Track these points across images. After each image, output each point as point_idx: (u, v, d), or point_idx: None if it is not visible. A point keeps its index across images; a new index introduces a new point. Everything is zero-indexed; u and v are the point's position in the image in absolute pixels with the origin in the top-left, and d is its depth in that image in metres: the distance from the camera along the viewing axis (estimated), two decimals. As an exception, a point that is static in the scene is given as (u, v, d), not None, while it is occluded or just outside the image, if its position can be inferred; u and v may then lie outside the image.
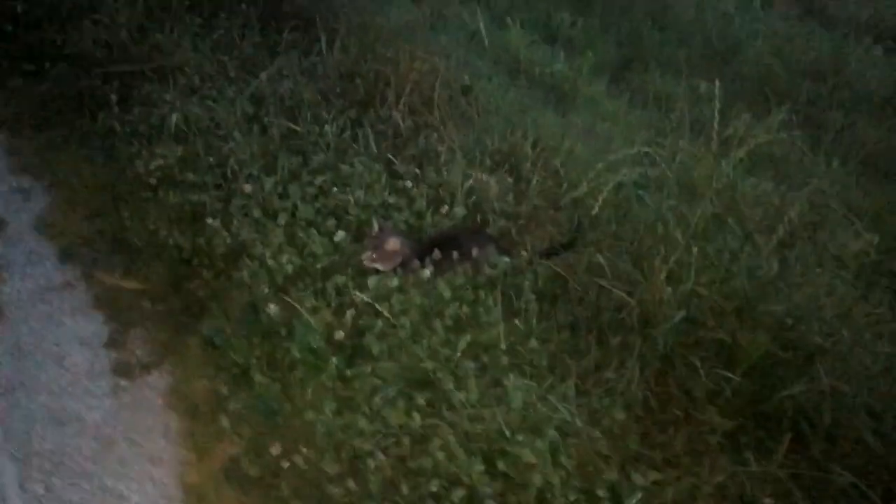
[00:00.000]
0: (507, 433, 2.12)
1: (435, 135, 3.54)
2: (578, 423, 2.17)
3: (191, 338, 2.67)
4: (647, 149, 2.97)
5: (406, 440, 2.16)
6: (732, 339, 2.34)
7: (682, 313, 2.30)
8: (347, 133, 3.53)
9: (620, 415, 2.23)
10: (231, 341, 2.57)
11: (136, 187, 3.37)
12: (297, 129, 3.55)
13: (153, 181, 3.33)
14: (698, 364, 2.30)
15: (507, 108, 3.91)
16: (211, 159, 3.38)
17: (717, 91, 2.57)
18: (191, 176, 3.31)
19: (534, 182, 3.21)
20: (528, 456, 2.07)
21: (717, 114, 2.55)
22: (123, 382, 2.56)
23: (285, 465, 2.19)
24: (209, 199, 3.16)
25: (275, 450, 2.24)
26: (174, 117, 3.61)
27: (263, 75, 3.88)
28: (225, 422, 2.34)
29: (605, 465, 2.11)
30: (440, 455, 2.09)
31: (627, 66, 5.43)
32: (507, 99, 4.05)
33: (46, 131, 3.94)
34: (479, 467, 2.05)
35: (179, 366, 2.61)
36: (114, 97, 3.80)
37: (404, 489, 2.05)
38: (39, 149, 3.83)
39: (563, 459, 2.09)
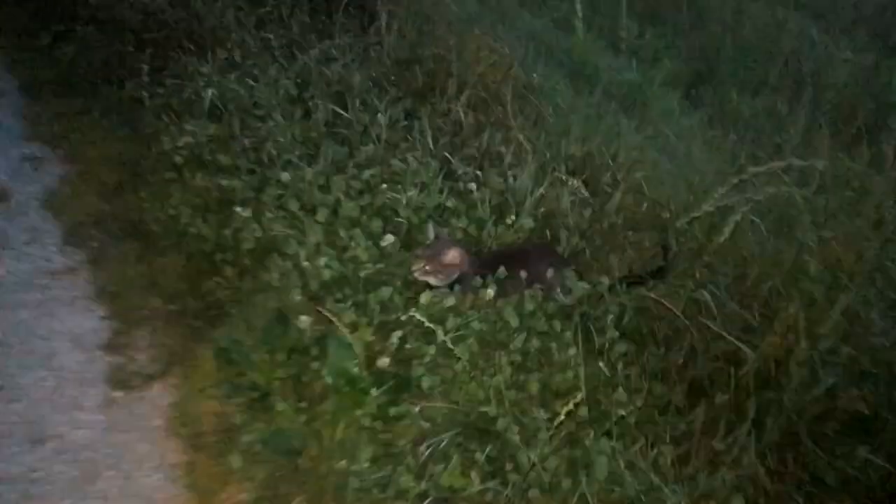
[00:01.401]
0: (592, 512, 1.67)
1: (500, 134, 3.12)
2: (682, 505, 1.70)
3: (203, 347, 2.25)
4: (755, 170, 2.53)
5: (461, 508, 1.71)
6: (875, 413, 1.86)
7: (830, 380, 1.82)
8: (401, 124, 3.14)
9: (737, 500, 1.75)
10: (250, 357, 2.14)
11: (160, 165, 3.00)
12: (346, 115, 3.14)
13: (179, 160, 2.95)
14: (833, 440, 1.82)
15: (580, 112, 3.49)
16: (246, 141, 3.00)
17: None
18: (222, 158, 2.91)
19: (616, 197, 2.75)
20: (619, 545, 1.61)
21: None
22: (118, 394, 2.14)
23: (306, 522, 1.75)
24: (240, 186, 2.76)
25: (295, 502, 1.79)
26: (209, 92, 3.25)
27: (313, 53, 3.48)
28: (235, 458, 1.90)
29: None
30: (506, 535, 1.63)
31: (699, 82, 5.03)
32: (580, 104, 3.63)
33: (68, 97, 3.64)
34: (558, 557, 1.60)
35: (187, 380, 2.18)
36: (145, 66, 3.49)
37: (458, 577, 1.60)
38: (57, 115, 3.52)
39: (661, 552, 1.63)
